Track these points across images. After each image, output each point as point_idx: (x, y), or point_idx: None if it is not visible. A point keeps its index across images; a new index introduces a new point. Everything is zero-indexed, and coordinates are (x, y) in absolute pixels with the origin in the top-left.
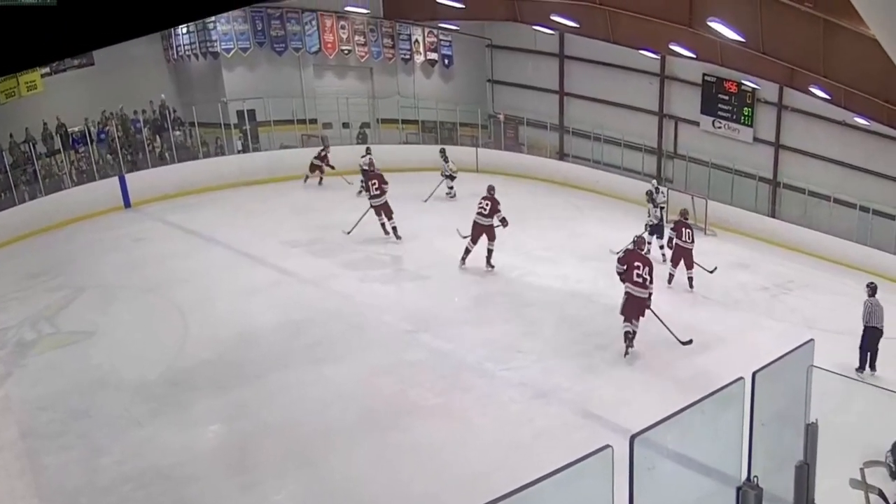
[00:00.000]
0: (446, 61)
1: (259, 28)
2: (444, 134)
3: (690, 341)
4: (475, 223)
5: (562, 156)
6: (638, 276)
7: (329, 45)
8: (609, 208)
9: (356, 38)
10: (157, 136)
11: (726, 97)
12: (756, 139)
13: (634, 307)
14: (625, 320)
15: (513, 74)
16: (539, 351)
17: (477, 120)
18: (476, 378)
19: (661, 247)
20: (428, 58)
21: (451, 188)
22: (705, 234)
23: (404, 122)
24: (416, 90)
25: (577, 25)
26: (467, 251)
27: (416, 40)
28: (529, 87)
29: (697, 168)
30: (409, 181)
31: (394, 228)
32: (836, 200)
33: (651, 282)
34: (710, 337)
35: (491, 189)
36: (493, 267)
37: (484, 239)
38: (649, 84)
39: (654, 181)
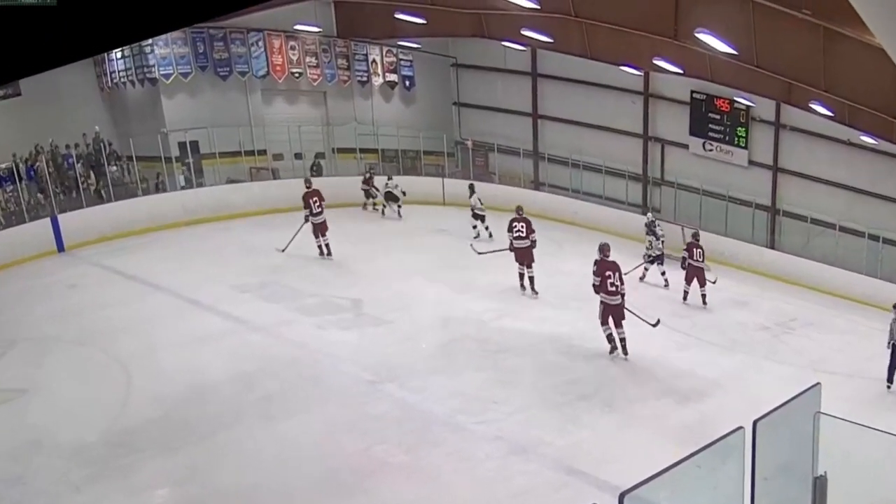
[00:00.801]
0: (407, 83)
1: (201, 51)
2: (406, 163)
3: (658, 322)
4: (517, 248)
5: (537, 185)
6: (611, 284)
7: (278, 68)
8: (591, 242)
9: (307, 59)
10: (92, 173)
11: (717, 116)
12: (752, 162)
13: (613, 314)
14: (603, 323)
15: (481, 96)
16: (516, 401)
17: (442, 147)
18: (447, 433)
19: (663, 273)
20: (387, 80)
21: (477, 227)
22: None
23: (362, 150)
24: (374, 115)
25: (551, 40)
26: (521, 276)
27: (374, 60)
28: (499, 109)
29: (687, 196)
30: (369, 216)
31: (327, 245)
32: (842, 228)
33: (622, 285)
34: (705, 382)
35: (520, 209)
36: (536, 293)
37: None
38: (632, 103)
39: (651, 213)
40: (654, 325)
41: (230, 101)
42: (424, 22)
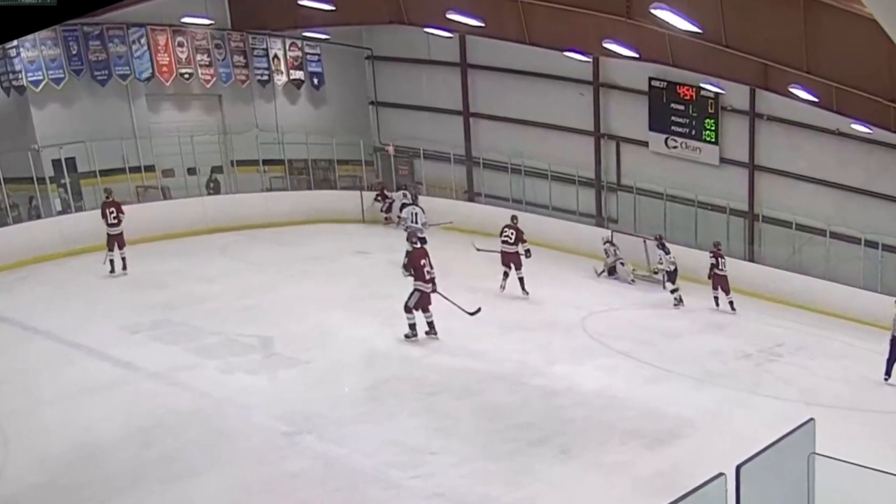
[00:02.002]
0: (315, 81)
1: (74, 52)
2: (318, 175)
3: (479, 310)
4: (502, 252)
5: (471, 195)
6: (428, 272)
7: (164, 69)
8: (538, 261)
9: (198, 57)
10: None
11: (681, 107)
12: (724, 160)
13: (426, 301)
14: (415, 309)
15: (402, 93)
16: (456, 451)
17: (359, 155)
18: (378, 490)
19: (674, 290)
20: (292, 78)
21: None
22: (664, 287)
23: (266, 162)
24: (279, 121)
25: (482, 24)
26: (505, 275)
27: (276, 56)
28: (425, 108)
29: (649, 202)
30: (277, 239)
31: (123, 259)
32: (834, 234)
33: (433, 269)
34: (678, 422)
35: (514, 218)
36: (528, 293)
37: (511, 267)
38: (580, 95)
39: (610, 234)
40: (473, 314)
41: (110, 109)
42: (333, 8)
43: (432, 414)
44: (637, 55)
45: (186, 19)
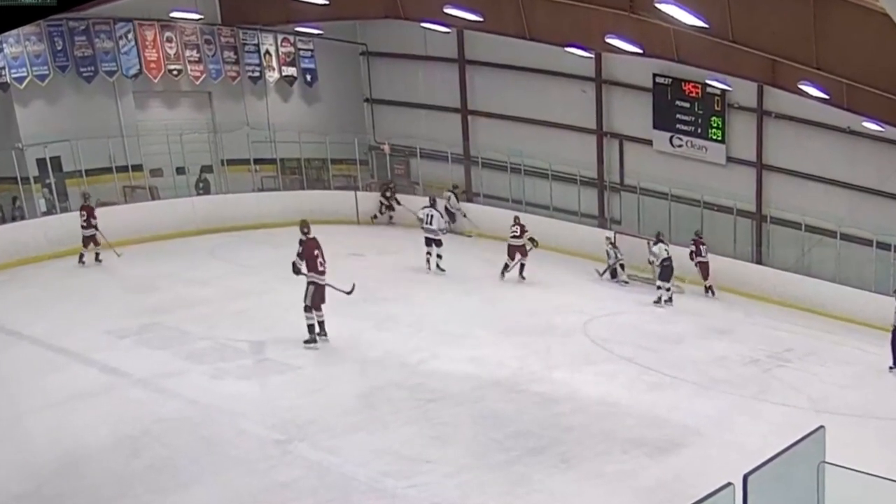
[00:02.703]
0: (308, 77)
1: (59, 48)
2: (311, 175)
3: (353, 288)
4: (509, 245)
5: (469, 195)
6: (321, 263)
7: (152, 65)
8: (538, 263)
9: (188, 53)
10: None
11: (686, 104)
12: (731, 159)
13: (320, 296)
14: (315, 309)
15: (398, 90)
16: (453, 460)
17: (354, 154)
18: (372, 500)
19: (668, 289)
20: (284, 74)
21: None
22: (657, 286)
23: (258, 162)
24: (270, 118)
25: (481, 19)
26: (506, 266)
27: (268, 52)
28: (421, 105)
29: (653, 202)
30: (269, 241)
31: (96, 253)
32: (844, 236)
33: (325, 262)
34: (682, 430)
35: (517, 218)
36: (524, 278)
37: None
38: (582, 92)
39: (613, 234)
40: (349, 293)
41: (97, 107)
42: (327, 2)
43: (428, 422)
44: (641, 51)
45: (175, 14)
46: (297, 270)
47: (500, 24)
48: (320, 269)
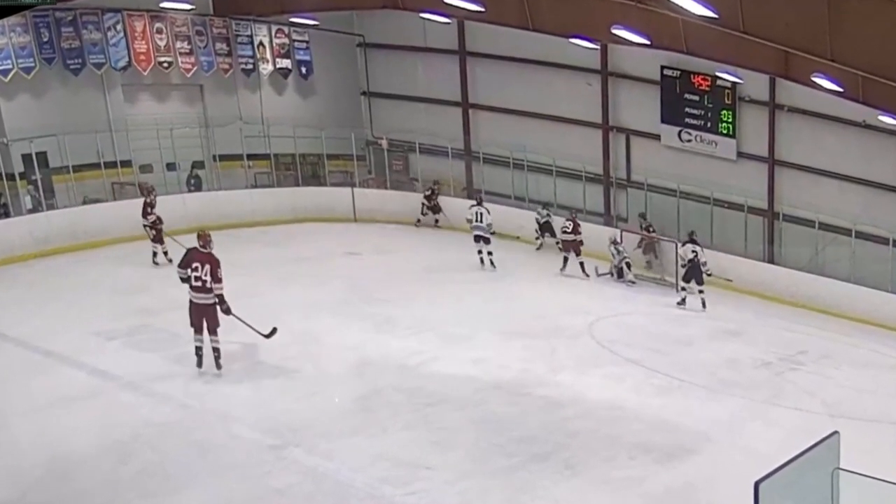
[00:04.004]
0: (303, 70)
1: (45, 39)
2: (306, 171)
3: (273, 331)
4: (563, 240)
5: (471, 192)
6: (197, 279)
7: (142, 58)
8: (542, 262)
9: (178, 45)
10: None
11: (696, 98)
12: (741, 154)
13: (204, 317)
14: (194, 332)
15: (396, 83)
16: (454, 466)
17: (350, 149)
18: None
19: (701, 291)
20: (278, 66)
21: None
22: (677, 291)
23: (251, 157)
24: (264, 112)
25: (482, 9)
26: (566, 260)
27: (261, 43)
28: (420, 99)
29: (661, 199)
30: (262, 239)
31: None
32: (860, 234)
33: (216, 282)
34: (692, 435)
35: (574, 214)
36: (588, 276)
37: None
38: (587, 85)
39: (620, 234)
40: (268, 336)
41: (84, 100)
42: None
43: (428, 426)
44: (648, 42)
45: (165, 4)
46: (184, 280)
47: (502, 14)
48: (195, 284)
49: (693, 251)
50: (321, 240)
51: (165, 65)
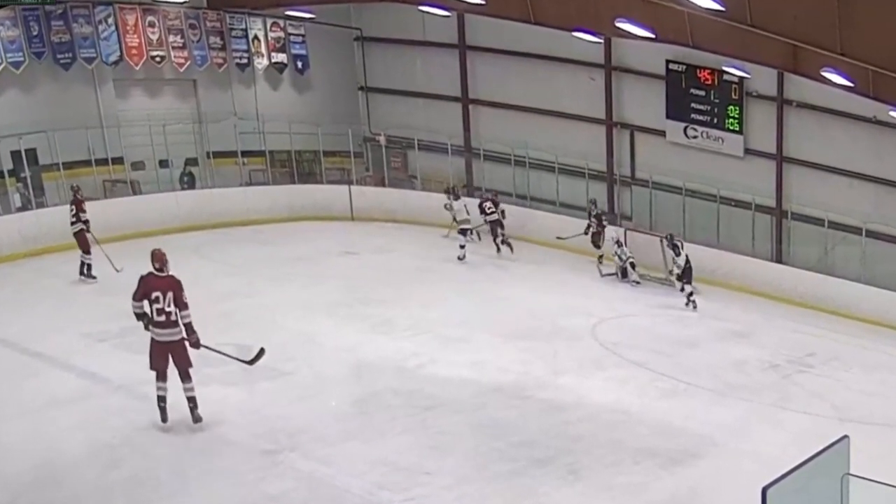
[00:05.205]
0: (300, 64)
1: (35, 33)
2: (302, 168)
3: (258, 356)
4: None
5: (470, 190)
6: (159, 311)
7: (134, 52)
8: (544, 262)
9: (171, 38)
10: None
11: (702, 92)
12: (749, 151)
13: (173, 357)
14: (157, 378)
15: (395, 78)
16: (453, 472)
17: (348, 145)
18: None
19: (691, 293)
20: (273, 61)
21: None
22: (682, 290)
23: (246, 154)
24: (259, 108)
25: (482, 2)
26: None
27: (256, 37)
28: (419, 94)
29: (666, 197)
30: (257, 238)
31: (88, 266)
32: (870, 233)
33: (182, 308)
34: (697, 440)
35: (599, 213)
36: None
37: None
38: (591, 80)
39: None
40: (251, 363)
41: (75, 96)
42: None
43: (426, 430)
44: (653, 36)
45: None
46: (140, 317)
47: (504, 7)
48: (157, 318)
49: (686, 256)
50: (318, 239)
51: (158, 59)
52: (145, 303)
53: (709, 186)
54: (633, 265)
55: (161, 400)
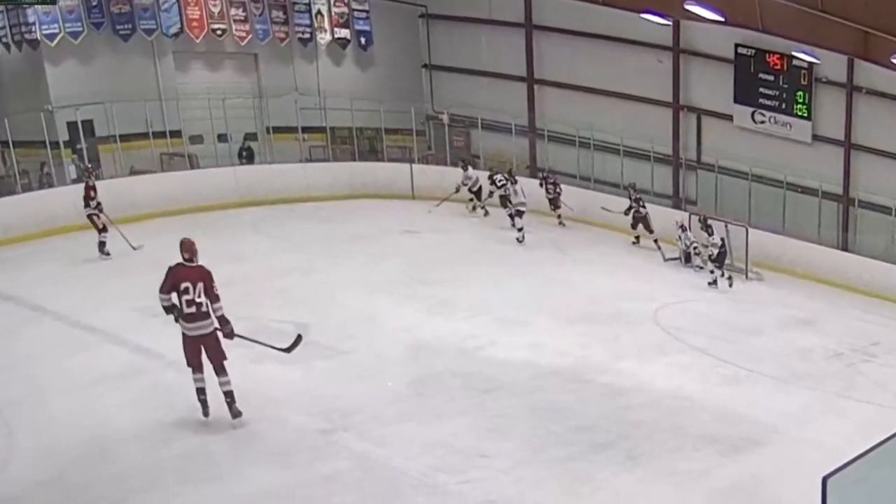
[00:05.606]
0: (363, 40)
1: (94, 3)
2: (363, 145)
3: (297, 342)
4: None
5: (534, 171)
6: (189, 303)
7: (195, 24)
8: (605, 245)
9: (233, 11)
10: None
11: (771, 77)
12: (817, 137)
13: (193, 351)
14: (193, 371)
15: (459, 56)
16: (510, 455)
17: (410, 123)
18: (422, 496)
19: (724, 274)
20: (337, 36)
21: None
22: (746, 277)
23: (306, 130)
24: (321, 84)
25: None
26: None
27: (319, 12)
28: (484, 73)
29: (732, 182)
30: (316, 216)
31: (102, 243)
32: None
33: (214, 301)
34: (759, 427)
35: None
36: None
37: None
38: (658, 63)
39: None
40: (288, 351)
41: (134, 68)
42: None
43: (484, 413)
44: (722, 19)
45: None
46: (169, 310)
47: None
48: (188, 310)
49: (722, 238)
50: (378, 217)
51: (219, 32)
52: (174, 295)
53: (775, 172)
54: (696, 250)
55: (200, 392)
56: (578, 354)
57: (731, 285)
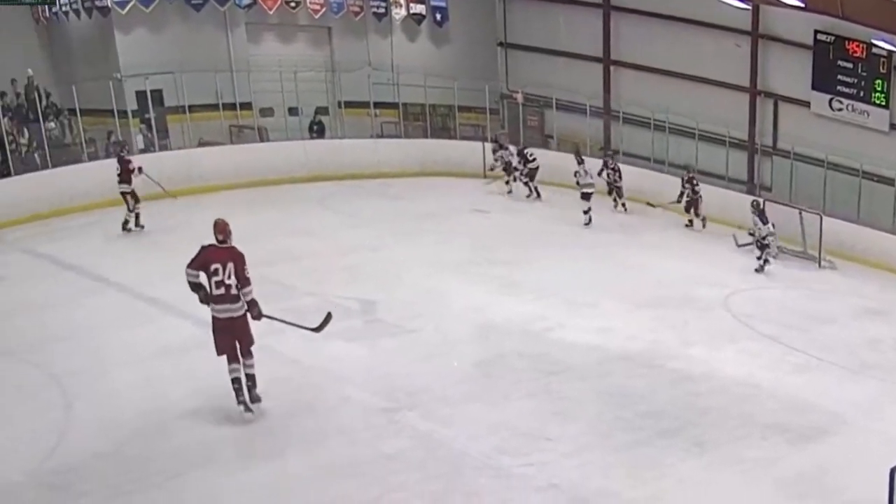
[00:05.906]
0: (438, 16)
1: None
2: (436, 122)
3: (326, 321)
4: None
5: (608, 152)
6: (219, 284)
7: None
8: (674, 230)
9: None
10: (24, 130)
11: (849, 65)
12: (894, 126)
13: (226, 337)
14: (228, 361)
15: (535, 35)
16: (575, 439)
17: (483, 102)
18: (485, 478)
19: (766, 261)
20: (412, 12)
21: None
22: (819, 265)
23: (378, 105)
24: (394, 59)
25: None
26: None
27: None
28: (560, 52)
29: (808, 169)
30: (386, 192)
31: (136, 216)
32: None
33: (244, 284)
34: (828, 417)
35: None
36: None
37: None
38: (736, 47)
39: (756, 202)
40: (319, 329)
41: (205, 38)
42: None
43: (550, 395)
44: (802, 5)
45: None
46: (196, 288)
47: None
48: (216, 291)
49: (770, 227)
50: (448, 195)
51: (293, 4)
52: (202, 276)
53: (852, 160)
54: (772, 237)
55: (235, 382)
56: (647, 339)
57: (760, 270)
